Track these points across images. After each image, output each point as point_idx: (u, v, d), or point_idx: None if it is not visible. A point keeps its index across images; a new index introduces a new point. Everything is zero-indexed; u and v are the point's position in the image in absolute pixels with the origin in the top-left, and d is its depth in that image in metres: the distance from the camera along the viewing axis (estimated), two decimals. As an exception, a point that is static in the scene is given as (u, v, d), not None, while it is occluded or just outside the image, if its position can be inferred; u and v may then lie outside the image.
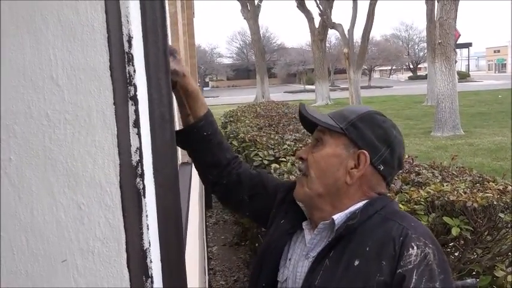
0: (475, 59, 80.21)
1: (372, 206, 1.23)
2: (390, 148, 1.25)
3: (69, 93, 0.71)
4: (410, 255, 1.11)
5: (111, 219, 0.73)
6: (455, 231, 2.12)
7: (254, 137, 4.62)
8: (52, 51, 0.71)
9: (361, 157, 1.23)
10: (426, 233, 1.17)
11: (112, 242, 0.73)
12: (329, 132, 1.27)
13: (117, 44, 0.73)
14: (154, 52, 0.88)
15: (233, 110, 8.77)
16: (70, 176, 0.72)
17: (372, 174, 1.25)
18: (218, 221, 6.72)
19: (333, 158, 1.25)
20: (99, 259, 0.74)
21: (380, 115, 1.31)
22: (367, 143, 1.24)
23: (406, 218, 1.21)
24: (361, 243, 1.17)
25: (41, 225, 0.73)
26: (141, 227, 0.76)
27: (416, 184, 2.62)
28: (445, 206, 2.24)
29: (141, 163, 0.75)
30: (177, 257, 0.97)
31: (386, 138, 1.26)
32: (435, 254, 1.12)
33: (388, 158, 1.25)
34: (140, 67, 0.80)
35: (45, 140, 0.72)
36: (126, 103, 0.74)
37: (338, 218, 1.23)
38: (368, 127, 1.26)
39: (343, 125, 1.26)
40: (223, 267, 5.02)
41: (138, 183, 0.75)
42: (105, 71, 0.72)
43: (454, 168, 3.08)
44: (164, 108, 0.89)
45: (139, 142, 0.75)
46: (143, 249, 0.76)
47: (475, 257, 2.29)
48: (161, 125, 0.88)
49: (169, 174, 0.91)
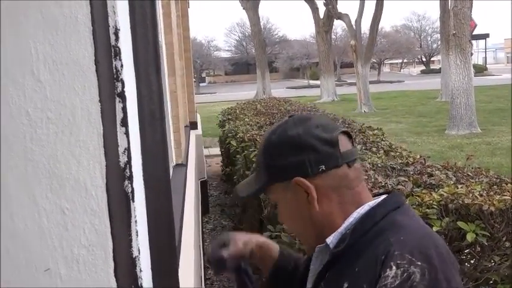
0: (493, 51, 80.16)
1: (370, 218, 1.15)
2: (307, 149, 1.16)
3: (52, 90, 0.72)
4: (386, 277, 1.02)
5: (97, 225, 0.73)
6: (471, 237, 2.12)
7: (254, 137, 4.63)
8: (33, 44, 0.71)
9: (300, 185, 1.17)
10: (417, 248, 1.05)
11: (98, 249, 0.74)
12: (268, 192, 1.27)
13: (103, 37, 0.73)
14: (144, 45, 0.88)
15: (232, 107, 8.78)
16: (53, 179, 0.73)
17: (323, 181, 1.16)
18: (216, 227, 6.73)
19: (289, 207, 1.24)
20: (85, 268, 0.74)
21: (273, 132, 1.23)
22: (290, 169, 1.17)
23: (399, 230, 1.11)
24: (352, 263, 1.11)
25: (22, 231, 0.73)
26: (129, 233, 0.76)
27: (429, 186, 2.63)
28: (460, 209, 2.24)
29: (129, 164, 0.75)
30: (170, 266, 0.97)
31: (294, 148, 1.17)
32: (425, 273, 1.01)
33: (316, 156, 1.15)
34: (128, 61, 0.80)
35: (26, 140, 0.72)
36: (113, 100, 0.74)
37: (332, 240, 1.19)
38: (275, 156, 1.20)
39: (262, 176, 1.23)
40: (221, 277, 5.02)
41: (127, 186, 0.75)
42: (90, 66, 0.72)
43: (469, 169, 3.09)
44: (154, 105, 0.90)
45: (128, 142, 0.75)
46: (132, 257, 0.77)
47: (493, 264, 2.29)
48: (151, 123, 0.89)
49: (161, 177, 0.91)
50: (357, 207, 1.19)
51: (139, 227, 0.78)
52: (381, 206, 1.18)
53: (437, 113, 17.23)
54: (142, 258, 0.80)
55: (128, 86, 0.77)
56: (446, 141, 11.99)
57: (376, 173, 2.88)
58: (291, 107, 7.77)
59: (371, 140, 4.39)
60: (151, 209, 0.87)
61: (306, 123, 1.20)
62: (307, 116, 1.26)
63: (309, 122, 1.21)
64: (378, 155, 3.58)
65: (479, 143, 11.52)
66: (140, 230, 0.79)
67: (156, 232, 0.88)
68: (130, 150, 0.76)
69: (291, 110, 7.26)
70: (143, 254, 0.80)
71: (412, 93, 27.30)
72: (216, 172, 9.77)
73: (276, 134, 1.22)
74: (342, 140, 1.19)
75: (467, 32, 12.93)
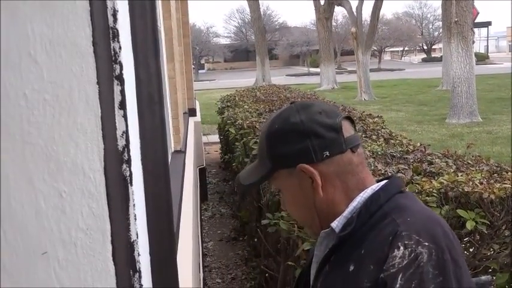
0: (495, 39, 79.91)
1: (375, 201, 1.16)
2: (311, 135, 1.16)
3: (49, 72, 0.71)
4: (394, 257, 1.04)
5: (94, 209, 0.73)
6: (470, 225, 2.13)
7: (253, 124, 4.62)
8: (30, 25, 0.70)
9: (304, 171, 1.17)
10: (424, 229, 1.08)
11: (96, 233, 0.74)
12: (272, 180, 1.27)
13: (101, 18, 0.72)
14: (142, 28, 0.87)
15: (231, 94, 8.77)
16: (50, 162, 0.72)
17: (328, 167, 1.17)
18: (214, 214, 6.75)
19: (294, 194, 1.24)
20: (82, 251, 0.74)
21: (275, 119, 1.23)
22: (294, 156, 1.18)
23: (405, 213, 1.13)
24: (357, 246, 1.13)
25: (19, 214, 0.73)
26: (127, 217, 0.76)
27: (429, 174, 2.63)
28: (460, 197, 2.24)
29: (127, 148, 0.75)
30: (168, 251, 0.97)
31: (299, 134, 1.17)
32: (432, 253, 1.04)
33: (320, 142, 1.16)
34: (126, 44, 0.79)
35: (23, 122, 0.72)
36: (111, 83, 0.73)
37: (337, 224, 1.20)
38: (280, 144, 1.20)
39: (266, 164, 1.23)
40: (220, 264, 5.04)
41: (125, 170, 0.75)
42: (88, 48, 0.71)
43: (469, 157, 3.09)
44: (153, 88, 0.89)
45: (126, 125, 0.75)
46: (130, 242, 0.77)
47: (492, 253, 2.30)
48: (150, 107, 0.88)
49: (159, 161, 0.91)
50: (361, 192, 1.20)
51: (137, 211, 0.78)
52: (384, 190, 1.19)
53: (438, 101, 17.22)
54: (141, 242, 0.80)
55: (126, 68, 0.76)
56: (447, 130, 12.00)
57: (376, 160, 2.88)
58: (290, 95, 7.75)
59: (371, 127, 4.39)
60: (149, 193, 0.86)
61: (308, 110, 1.20)
62: (309, 103, 1.26)
63: (311, 108, 1.21)
64: (378, 142, 3.58)
65: (480, 132, 11.53)
66: (138, 214, 0.79)
67: (154, 217, 0.88)
68: (129, 134, 0.75)
69: (291, 97, 7.24)
70: (141, 239, 0.80)
71: (412, 82, 27.27)
72: (214, 159, 9.79)
73: (279, 121, 1.22)
74: (345, 125, 1.19)
75: (469, 19, 12.88)
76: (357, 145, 1.20)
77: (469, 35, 12.87)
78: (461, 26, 12.76)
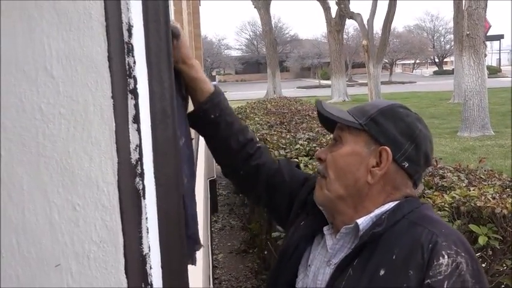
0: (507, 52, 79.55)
1: (400, 210, 1.22)
2: (415, 143, 1.24)
3: (65, 86, 0.72)
4: (440, 264, 1.11)
5: (108, 222, 0.74)
6: (483, 240, 2.11)
7: (264, 136, 4.63)
8: (46, 40, 0.72)
9: (382, 154, 1.23)
10: (459, 241, 1.16)
11: (109, 245, 0.74)
12: (348, 129, 1.27)
13: (116, 33, 0.73)
14: (156, 42, 0.88)
15: (242, 106, 8.80)
16: (65, 175, 0.73)
17: (395, 172, 1.24)
18: (224, 226, 6.74)
19: (352, 156, 1.25)
20: (95, 264, 0.74)
21: (403, 108, 1.30)
22: (389, 139, 1.23)
23: (437, 224, 1.20)
24: (387, 251, 1.17)
25: (33, 226, 0.74)
26: (140, 230, 0.76)
27: (441, 188, 2.61)
28: (472, 212, 2.23)
29: (140, 161, 0.76)
30: (179, 264, 0.97)
31: (409, 132, 1.25)
32: (468, 263, 1.12)
33: (413, 154, 1.24)
34: (141, 58, 0.80)
35: (39, 135, 0.73)
36: (125, 97, 0.74)
37: (363, 222, 1.22)
38: (390, 122, 1.25)
39: (363, 120, 1.26)
40: (230, 277, 5.03)
41: (138, 183, 0.76)
42: (103, 62, 0.72)
43: (481, 172, 3.07)
44: (166, 102, 0.90)
45: (139, 139, 0.76)
46: (142, 255, 0.77)
47: (504, 268, 2.28)
48: (163, 120, 0.89)
49: (172, 174, 0.91)
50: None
51: (149, 224, 0.78)
52: (407, 202, 1.25)
53: (450, 114, 17.12)
54: (153, 255, 0.80)
55: (140, 82, 0.77)
56: (459, 143, 11.92)
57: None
58: (301, 107, 7.76)
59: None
60: (161, 206, 0.87)
61: (426, 129, 1.30)
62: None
63: (427, 130, 1.30)
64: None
65: (492, 145, 11.43)
66: (150, 227, 0.79)
67: (166, 230, 0.89)
68: (142, 147, 0.76)
69: (302, 109, 7.25)
70: (153, 252, 0.81)
71: (424, 95, 27.15)
72: (225, 171, 9.76)
73: (407, 113, 1.29)
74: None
75: (481, 32, 12.83)
76: (418, 183, 1.32)
77: (481, 48, 12.82)
78: (473, 39, 12.72)
